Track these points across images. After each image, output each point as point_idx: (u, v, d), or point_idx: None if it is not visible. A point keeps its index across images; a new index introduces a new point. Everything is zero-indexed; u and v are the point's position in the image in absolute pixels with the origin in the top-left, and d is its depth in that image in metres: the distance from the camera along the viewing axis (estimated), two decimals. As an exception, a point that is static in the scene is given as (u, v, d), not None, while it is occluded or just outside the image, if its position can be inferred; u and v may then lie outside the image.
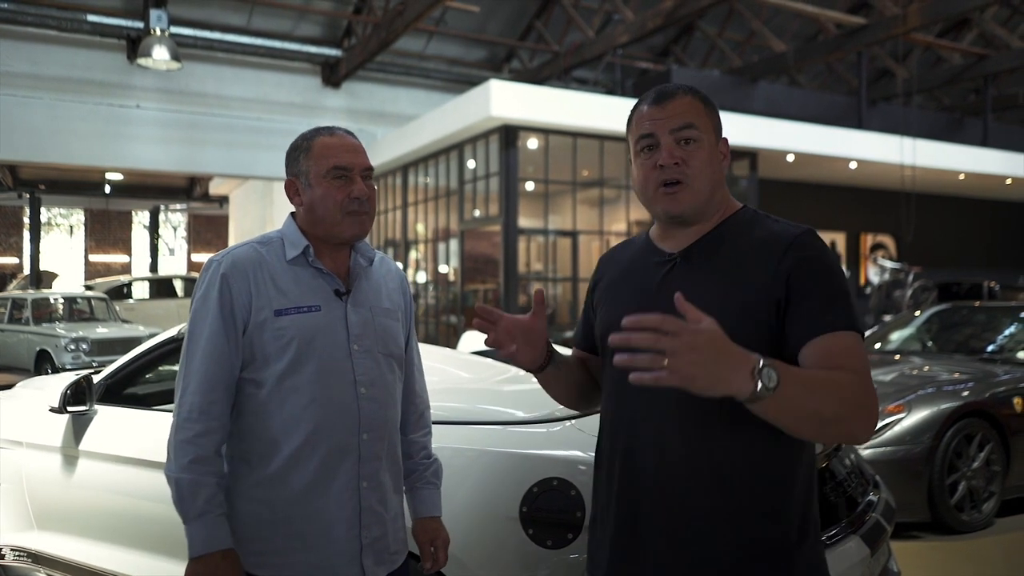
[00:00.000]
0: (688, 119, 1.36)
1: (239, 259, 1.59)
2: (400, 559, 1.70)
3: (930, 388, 4.92)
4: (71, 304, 12.65)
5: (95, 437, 2.97)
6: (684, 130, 1.36)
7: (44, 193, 24.21)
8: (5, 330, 12.01)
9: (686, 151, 1.36)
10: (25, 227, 27.75)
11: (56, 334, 10.82)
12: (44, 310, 12.53)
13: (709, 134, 1.39)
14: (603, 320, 1.47)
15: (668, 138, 1.36)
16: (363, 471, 1.61)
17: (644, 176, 1.39)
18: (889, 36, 10.73)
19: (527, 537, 1.99)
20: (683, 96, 1.39)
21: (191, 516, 1.49)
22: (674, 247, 1.41)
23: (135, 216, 30.54)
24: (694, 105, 1.38)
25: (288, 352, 1.56)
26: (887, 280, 11.94)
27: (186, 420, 1.53)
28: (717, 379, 1.07)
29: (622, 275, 1.49)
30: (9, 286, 24.38)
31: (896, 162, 10.95)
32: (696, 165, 1.36)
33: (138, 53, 10.32)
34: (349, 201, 1.60)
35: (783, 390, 1.10)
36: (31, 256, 25.05)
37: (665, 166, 1.35)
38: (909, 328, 6.92)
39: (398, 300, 1.76)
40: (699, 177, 1.36)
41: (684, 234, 1.41)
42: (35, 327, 11.57)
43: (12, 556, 3.34)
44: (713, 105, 1.42)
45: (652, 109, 1.38)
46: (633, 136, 1.41)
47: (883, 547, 2.42)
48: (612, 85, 13.67)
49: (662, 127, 1.36)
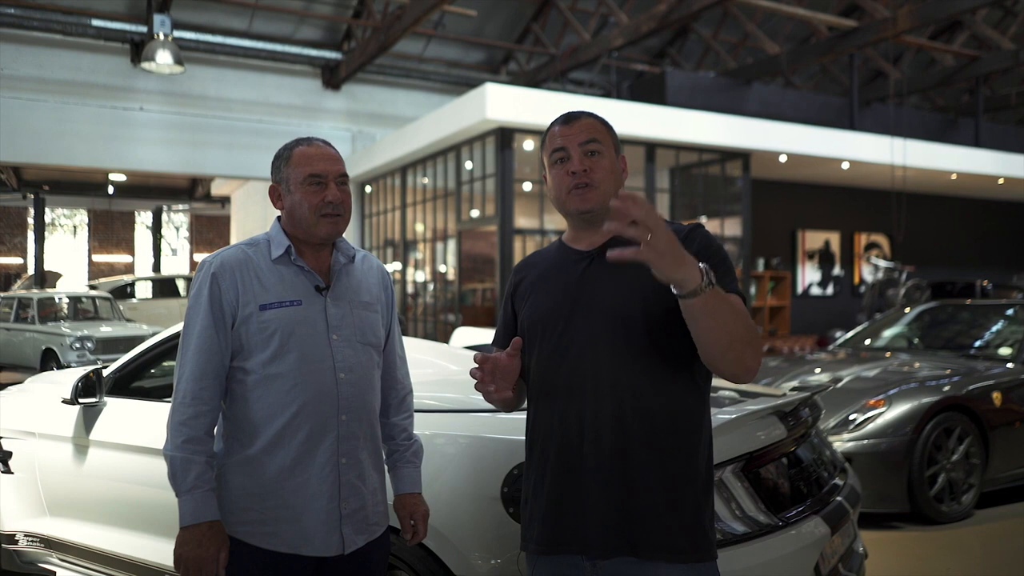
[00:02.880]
0: (592, 135, 1.63)
1: (228, 260, 1.76)
2: (379, 530, 1.87)
3: (912, 383, 5.06)
4: (76, 303, 12.80)
5: (104, 427, 3.12)
6: (590, 143, 1.62)
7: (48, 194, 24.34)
8: (11, 329, 12.14)
9: (592, 160, 1.62)
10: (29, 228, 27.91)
11: (61, 333, 10.97)
12: (49, 309, 12.67)
13: (610, 149, 1.65)
14: (530, 313, 1.67)
15: (577, 150, 1.62)
16: (342, 449, 1.77)
17: (558, 183, 1.64)
18: (879, 39, 10.86)
19: (508, 516, 2.15)
20: (587, 118, 1.66)
21: (183, 490, 1.66)
22: (588, 246, 1.66)
23: (138, 217, 30.66)
24: (596, 125, 1.66)
25: (272, 343, 1.73)
26: (880, 279, 12.05)
27: (180, 404, 1.70)
28: (679, 261, 1.32)
29: (542, 275, 1.70)
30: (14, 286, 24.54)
31: (888, 162, 11.07)
32: (600, 172, 1.62)
33: (141, 57, 10.47)
34: (324, 205, 1.77)
35: (715, 292, 1.37)
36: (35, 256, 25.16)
37: (576, 172, 1.61)
38: (898, 325, 7.04)
39: (378, 294, 1.93)
40: (603, 182, 1.62)
41: (595, 235, 1.65)
42: (41, 326, 11.71)
43: (26, 541, 3.48)
44: (611, 128, 1.70)
45: (562, 128, 1.65)
46: (547, 151, 1.67)
47: (846, 528, 2.57)
48: (608, 87, 13.81)
49: (571, 141, 1.62)
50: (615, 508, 1.51)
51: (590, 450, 1.53)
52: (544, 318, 1.62)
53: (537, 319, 1.63)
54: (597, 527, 1.52)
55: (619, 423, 1.51)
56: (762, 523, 2.17)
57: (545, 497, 1.58)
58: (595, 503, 1.52)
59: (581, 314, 1.57)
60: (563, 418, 1.57)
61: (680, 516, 1.51)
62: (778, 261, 12.94)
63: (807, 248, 13.54)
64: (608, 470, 1.52)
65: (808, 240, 13.53)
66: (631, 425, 1.51)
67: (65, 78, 11.20)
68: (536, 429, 1.64)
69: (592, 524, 1.52)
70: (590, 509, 1.52)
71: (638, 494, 1.51)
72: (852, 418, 4.78)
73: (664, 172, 10.94)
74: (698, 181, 11.07)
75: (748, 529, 2.13)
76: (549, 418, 1.60)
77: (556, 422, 1.58)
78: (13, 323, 12.19)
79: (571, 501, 1.54)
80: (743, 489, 2.18)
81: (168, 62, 10.04)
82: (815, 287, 13.71)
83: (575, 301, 1.59)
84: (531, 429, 1.67)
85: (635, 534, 1.50)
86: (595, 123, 1.65)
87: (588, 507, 1.53)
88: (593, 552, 1.53)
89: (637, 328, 1.52)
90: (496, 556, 2.16)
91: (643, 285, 1.51)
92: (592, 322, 1.55)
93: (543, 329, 1.62)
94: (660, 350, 1.52)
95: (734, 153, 10.58)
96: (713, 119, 10.16)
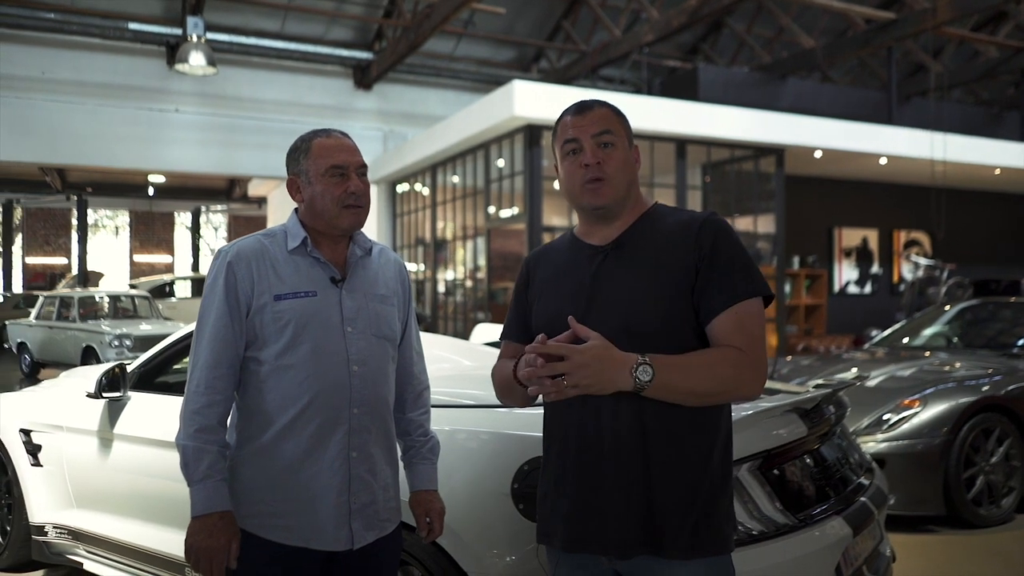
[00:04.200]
0: (605, 126, 1.58)
1: (244, 249, 1.75)
2: (391, 526, 1.84)
3: (949, 383, 4.92)
4: (115, 302, 13.12)
5: (128, 421, 3.16)
6: (603, 135, 1.58)
7: (91, 195, 24.97)
8: (54, 327, 12.50)
9: (605, 153, 1.57)
10: (73, 228, 28.64)
11: (101, 331, 11.25)
12: (90, 308, 13.01)
13: (623, 140, 1.60)
14: (544, 311, 1.65)
15: (590, 142, 1.57)
16: (353, 442, 1.75)
17: (570, 175, 1.60)
18: (919, 30, 10.59)
19: (518, 512, 2.12)
20: (600, 108, 1.61)
21: (195, 480, 1.65)
22: (601, 241, 1.62)
23: (177, 217, 31.29)
24: (609, 115, 1.61)
25: (285, 333, 1.71)
26: (921, 277, 11.78)
27: (194, 393, 1.69)
28: (605, 382, 1.40)
29: (556, 270, 1.67)
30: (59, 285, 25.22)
31: (927, 157, 10.80)
32: (614, 164, 1.57)
33: (176, 59, 10.66)
34: (346, 196, 1.76)
35: (659, 380, 1.41)
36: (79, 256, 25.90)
37: (589, 165, 1.56)
38: (936, 324, 6.87)
39: (395, 287, 1.91)
40: (617, 174, 1.58)
41: (608, 229, 1.61)
42: (81, 324, 12.03)
43: (55, 533, 3.55)
44: (625, 117, 1.65)
45: (575, 118, 1.60)
46: (559, 143, 1.62)
47: (871, 530, 2.49)
48: (640, 84, 13.69)
49: (584, 132, 1.58)
50: (635, 508, 1.50)
51: (610, 450, 1.51)
52: (559, 318, 1.57)
53: (553, 318, 1.59)
54: (618, 527, 1.51)
55: (638, 423, 1.50)
56: (779, 523, 2.11)
57: (568, 497, 1.57)
58: (616, 503, 1.51)
59: (596, 314, 1.54)
60: (581, 418, 1.55)
61: (697, 513, 1.49)
62: (814, 259, 12.71)
63: (844, 246, 13.27)
64: (628, 470, 1.50)
65: (845, 238, 13.26)
66: (649, 424, 1.49)
67: (103, 81, 11.45)
68: (554, 428, 1.62)
69: (613, 524, 1.51)
70: (611, 509, 1.51)
71: (658, 493, 1.49)
72: (886, 418, 4.66)
73: (696, 169, 10.81)
74: (731, 178, 10.92)
75: (764, 528, 2.07)
76: (567, 417, 1.58)
77: (574, 422, 1.56)
78: (55, 321, 12.54)
79: (593, 501, 1.53)
80: (760, 488, 2.12)
81: (201, 63, 10.20)
82: (852, 285, 13.43)
83: (590, 300, 1.56)
84: (549, 427, 1.65)
85: (655, 533, 1.49)
86: (608, 113, 1.60)
87: (609, 507, 1.51)
88: (614, 551, 1.52)
89: (653, 327, 1.50)
90: (507, 552, 2.13)
91: (658, 283, 1.50)
92: (608, 322, 1.52)
93: (559, 329, 1.56)
94: (677, 348, 1.49)
95: (767, 149, 10.41)
96: (745, 114, 10.00)
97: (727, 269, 1.49)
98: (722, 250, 1.50)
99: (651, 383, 1.40)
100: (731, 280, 1.49)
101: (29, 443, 3.67)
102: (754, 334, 1.47)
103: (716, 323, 1.48)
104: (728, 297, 1.48)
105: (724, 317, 1.48)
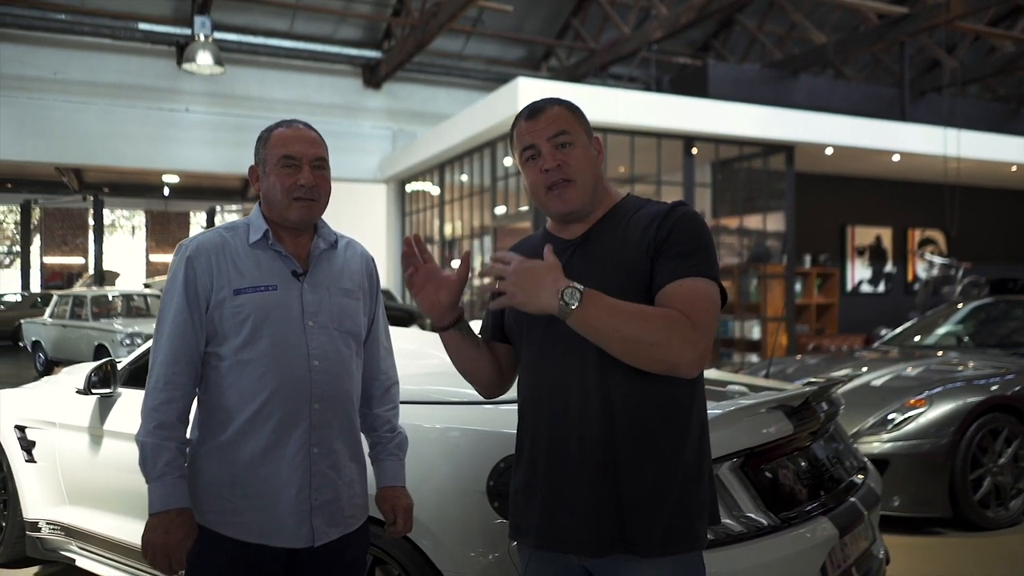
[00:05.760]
0: (560, 126, 1.56)
1: (203, 244, 1.73)
2: (356, 523, 1.81)
3: (956, 382, 4.84)
4: (128, 301, 13.26)
5: (118, 417, 3.16)
6: (558, 136, 1.55)
7: (107, 196, 25.21)
8: (67, 325, 12.65)
9: (564, 153, 1.55)
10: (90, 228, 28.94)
11: (113, 329, 11.37)
12: (103, 307, 13.16)
13: (581, 136, 1.58)
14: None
15: (547, 145, 1.55)
16: (314, 438, 1.72)
17: (533, 181, 1.59)
18: (932, 25, 10.45)
19: (492, 510, 2.08)
20: (552, 107, 1.58)
21: (152, 477, 1.64)
22: (571, 235, 1.61)
23: (193, 217, 31.53)
24: (563, 114, 1.58)
25: (244, 328, 1.69)
26: (935, 276, 11.63)
27: (153, 389, 1.68)
28: (531, 296, 1.38)
29: None
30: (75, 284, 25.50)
31: (941, 154, 10.66)
32: (575, 163, 1.55)
33: (183, 58, 10.72)
34: (296, 188, 1.73)
35: (586, 308, 1.36)
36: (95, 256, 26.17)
37: (549, 169, 1.54)
38: (949, 323, 6.77)
39: (360, 281, 1.88)
40: (580, 172, 1.56)
41: (578, 223, 1.60)
42: (94, 323, 12.17)
43: (48, 529, 3.56)
44: (580, 111, 1.63)
45: (528, 123, 1.58)
46: (517, 149, 1.61)
47: (861, 531, 2.43)
48: (649, 81, 13.61)
49: (539, 137, 1.56)
50: (605, 504, 1.48)
51: (577, 446, 1.50)
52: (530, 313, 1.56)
53: (523, 313, 1.57)
54: (589, 524, 1.49)
55: (606, 418, 1.48)
56: (761, 522, 2.06)
57: (539, 494, 1.56)
58: (585, 500, 1.49)
59: None
60: (551, 413, 1.54)
61: (668, 509, 1.47)
62: (826, 258, 12.58)
63: (857, 244, 13.12)
64: (596, 466, 1.49)
65: (858, 236, 13.11)
66: (618, 419, 1.48)
67: (114, 81, 11.53)
68: (525, 423, 1.62)
69: (584, 522, 1.49)
70: (581, 506, 1.50)
71: (626, 489, 1.47)
72: (891, 418, 4.59)
73: (705, 167, 10.72)
74: (740, 175, 10.82)
75: (744, 528, 2.02)
76: (539, 411, 1.57)
77: (544, 416, 1.55)
78: (69, 320, 12.69)
79: (563, 498, 1.52)
80: (740, 486, 2.07)
81: (208, 63, 10.25)
82: (865, 284, 13.28)
83: None
84: (521, 421, 1.64)
85: (624, 530, 1.47)
86: (561, 112, 1.57)
87: (578, 504, 1.50)
88: (586, 549, 1.50)
89: None
90: (481, 551, 2.10)
91: (619, 276, 1.48)
92: None
93: (529, 324, 1.58)
94: None
95: (777, 146, 10.30)
96: (753, 111, 9.91)
97: (680, 248, 1.46)
98: (679, 234, 1.47)
99: (575, 310, 1.36)
100: (682, 257, 1.45)
101: (24, 439, 3.68)
102: (698, 306, 1.42)
103: (659, 295, 1.45)
104: (674, 270, 1.45)
105: (670, 287, 1.44)
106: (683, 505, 1.47)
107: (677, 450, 1.48)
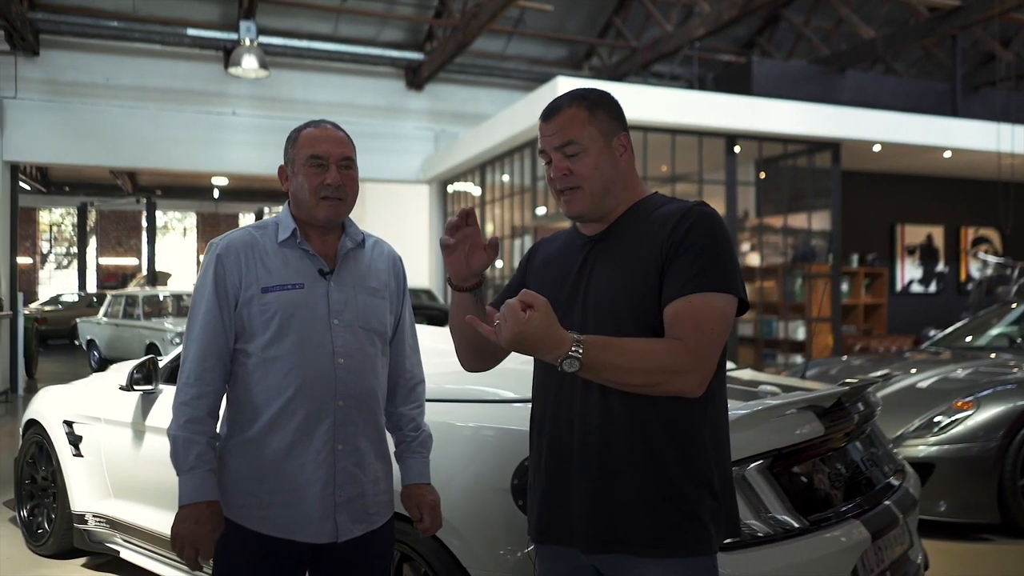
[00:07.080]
0: (568, 136, 1.54)
1: (233, 242, 1.77)
2: (380, 520, 1.83)
3: (1007, 384, 4.70)
4: (178, 301, 13.66)
5: (160, 414, 3.25)
6: (566, 147, 1.54)
7: (160, 198, 25.91)
8: (120, 325, 13.09)
9: (571, 162, 1.54)
10: (143, 230, 29.77)
11: (163, 328, 11.73)
12: (154, 307, 13.59)
13: (595, 140, 1.54)
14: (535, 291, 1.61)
15: (555, 154, 1.56)
16: (338, 435, 1.75)
17: (550, 182, 1.60)
18: (985, 17, 10.11)
19: (517, 508, 2.09)
20: (566, 109, 1.55)
21: (183, 469, 1.68)
22: (592, 231, 1.61)
23: (242, 218, 32.16)
24: (575, 117, 1.54)
25: (271, 325, 1.72)
26: (990, 276, 11.27)
27: (184, 384, 1.72)
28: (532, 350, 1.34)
29: (550, 258, 1.69)
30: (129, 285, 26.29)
31: (994, 150, 10.31)
32: (582, 171, 1.53)
33: (229, 62, 10.94)
34: (323, 187, 1.75)
35: (586, 372, 1.36)
36: (148, 257, 26.94)
37: (555, 177, 1.56)
38: (1002, 323, 6.59)
39: (387, 280, 1.90)
40: (588, 180, 1.54)
41: (597, 221, 1.60)
42: (145, 322, 12.57)
43: (94, 522, 3.67)
44: (602, 105, 1.56)
45: (543, 126, 1.58)
46: (539, 149, 1.62)
47: (897, 535, 2.38)
48: (692, 79, 13.45)
49: (549, 144, 1.56)
50: (601, 503, 1.48)
51: (578, 444, 1.51)
52: None
53: None
54: (584, 521, 1.49)
55: (607, 418, 1.48)
56: (789, 524, 2.02)
57: (539, 489, 1.58)
58: (582, 497, 1.50)
59: (578, 306, 1.55)
60: (555, 411, 1.56)
61: (669, 511, 1.45)
62: (874, 257, 12.27)
63: (907, 243, 12.77)
64: (594, 464, 1.49)
65: (908, 235, 12.76)
66: (619, 419, 1.47)
67: (163, 86, 11.82)
68: (534, 421, 1.64)
69: (579, 518, 1.50)
70: (577, 503, 1.50)
71: (623, 489, 1.46)
72: (937, 420, 4.48)
73: (748, 165, 10.55)
74: (784, 174, 10.62)
75: (771, 530, 1.99)
76: (544, 407, 1.60)
77: (549, 415, 1.57)
78: (122, 319, 13.13)
79: (561, 494, 1.53)
80: (768, 487, 2.04)
81: (254, 67, 10.45)
82: (916, 284, 12.92)
83: (574, 289, 1.57)
84: (532, 420, 1.66)
85: (621, 530, 1.46)
86: (573, 115, 1.54)
87: (575, 501, 1.50)
88: (581, 545, 1.50)
89: (626, 321, 1.48)
90: (506, 549, 2.10)
91: (633, 276, 1.48)
92: (586, 315, 1.53)
93: None
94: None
95: (822, 143, 10.09)
96: (798, 108, 9.71)
97: (692, 258, 1.43)
98: (693, 239, 1.44)
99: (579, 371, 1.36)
100: (693, 270, 1.42)
101: (71, 434, 3.81)
102: (702, 327, 1.39)
103: (667, 310, 1.43)
104: (684, 285, 1.41)
105: (676, 304, 1.42)
106: (690, 509, 1.45)
107: (679, 455, 1.46)
